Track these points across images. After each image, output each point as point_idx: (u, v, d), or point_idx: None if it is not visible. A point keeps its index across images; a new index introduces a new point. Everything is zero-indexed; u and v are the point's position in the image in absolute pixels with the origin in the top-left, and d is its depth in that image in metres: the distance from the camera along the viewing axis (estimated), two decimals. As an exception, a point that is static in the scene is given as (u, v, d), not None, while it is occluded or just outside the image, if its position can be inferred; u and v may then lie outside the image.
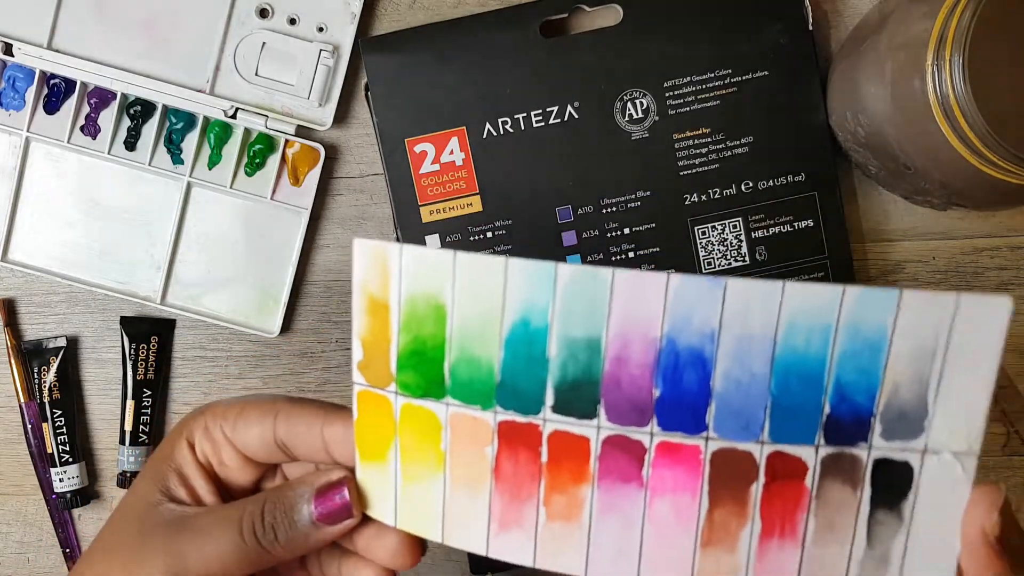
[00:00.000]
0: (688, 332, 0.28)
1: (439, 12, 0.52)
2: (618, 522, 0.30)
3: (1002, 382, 0.52)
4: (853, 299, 0.28)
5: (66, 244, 0.52)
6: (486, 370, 0.30)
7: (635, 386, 0.29)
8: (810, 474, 0.29)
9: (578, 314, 0.29)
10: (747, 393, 0.28)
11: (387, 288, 0.30)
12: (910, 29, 0.40)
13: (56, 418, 0.52)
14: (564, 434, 0.30)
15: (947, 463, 0.29)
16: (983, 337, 0.28)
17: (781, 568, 0.29)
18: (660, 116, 0.50)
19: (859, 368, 0.28)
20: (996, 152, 0.37)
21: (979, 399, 0.28)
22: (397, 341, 0.30)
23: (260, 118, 0.51)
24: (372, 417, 0.31)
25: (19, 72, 0.51)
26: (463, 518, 0.31)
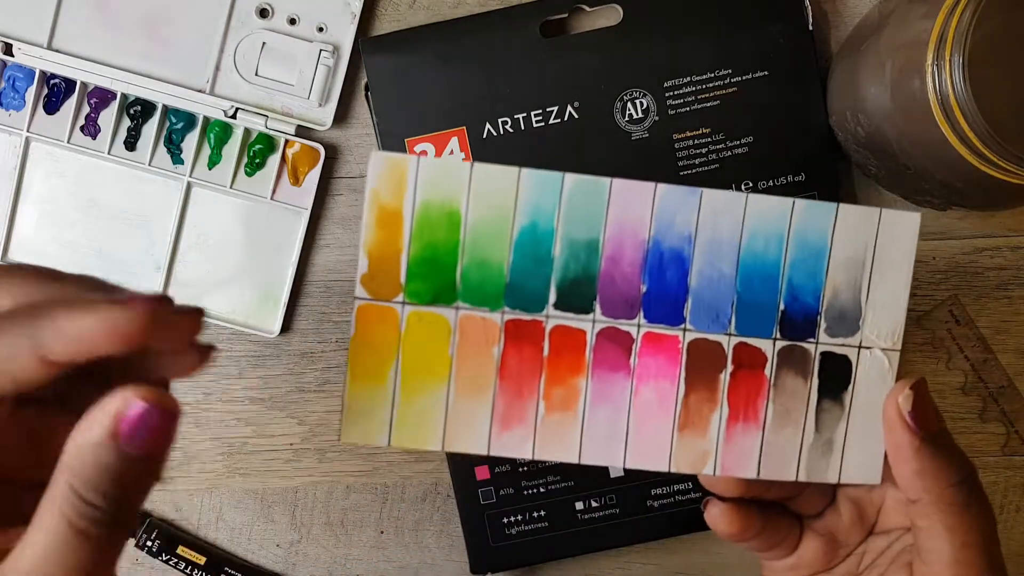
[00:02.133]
0: (670, 234, 0.32)
1: (439, 12, 0.52)
2: (608, 409, 0.33)
3: (1002, 382, 0.52)
4: (801, 210, 0.33)
5: (66, 244, 0.52)
6: (496, 272, 0.32)
7: (626, 282, 0.33)
8: (769, 364, 0.33)
9: (580, 218, 0.32)
10: (717, 290, 0.33)
11: (401, 196, 0.32)
12: (910, 29, 0.40)
13: (56, 418, 0.52)
14: (564, 328, 0.33)
15: (877, 358, 0.33)
16: (900, 248, 0.33)
17: (745, 451, 0.33)
18: (660, 116, 0.50)
19: (807, 272, 0.33)
20: (996, 152, 0.37)
21: (899, 302, 0.33)
22: (408, 249, 0.32)
23: (260, 118, 0.51)
24: (372, 332, 0.32)
25: (19, 72, 0.51)
26: (466, 423, 0.33)
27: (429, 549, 0.54)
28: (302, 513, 0.54)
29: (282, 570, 0.54)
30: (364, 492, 0.54)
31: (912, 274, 0.33)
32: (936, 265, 0.52)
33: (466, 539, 0.52)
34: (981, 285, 0.52)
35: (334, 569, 0.54)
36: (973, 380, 0.52)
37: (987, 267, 0.52)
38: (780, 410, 0.33)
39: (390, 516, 0.54)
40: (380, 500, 0.54)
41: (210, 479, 0.54)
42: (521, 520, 0.52)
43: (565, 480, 0.51)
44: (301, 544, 0.54)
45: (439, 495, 0.53)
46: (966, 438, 0.53)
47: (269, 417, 0.53)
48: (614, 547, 0.52)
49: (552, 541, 0.52)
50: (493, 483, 0.51)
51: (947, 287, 0.52)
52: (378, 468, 0.53)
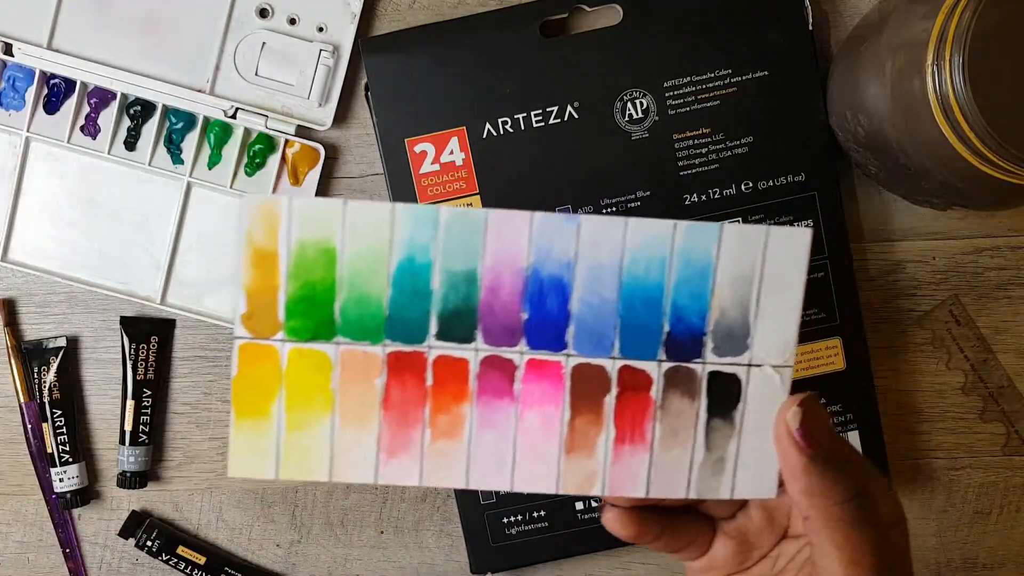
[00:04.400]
0: (550, 262, 0.33)
1: (439, 12, 0.52)
2: (494, 435, 0.34)
3: (1002, 382, 0.52)
4: (682, 232, 0.33)
5: (66, 244, 0.52)
6: (375, 306, 0.33)
7: (506, 311, 0.33)
8: (655, 386, 0.33)
9: (457, 250, 0.33)
10: (599, 315, 0.33)
11: (275, 237, 0.32)
12: (910, 29, 0.40)
13: (56, 418, 0.52)
14: (447, 358, 0.33)
15: (768, 375, 0.33)
16: (790, 265, 0.33)
17: (633, 470, 0.34)
18: (660, 116, 0.50)
19: (691, 294, 0.33)
20: (996, 152, 0.37)
21: (790, 318, 0.33)
22: (285, 289, 0.33)
23: (260, 118, 0.51)
24: (255, 370, 0.33)
25: (19, 72, 0.51)
26: (352, 454, 0.33)
27: (429, 549, 0.54)
28: (302, 513, 0.54)
29: (282, 570, 0.54)
30: (364, 492, 0.54)
31: (804, 290, 0.33)
32: (936, 265, 0.52)
33: (466, 539, 0.52)
34: (981, 285, 0.52)
35: (334, 569, 0.54)
36: (973, 380, 0.52)
37: (987, 267, 0.52)
38: (667, 431, 0.34)
39: (390, 516, 0.54)
40: (380, 500, 0.54)
41: (210, 479, 0.54)
42: (521, 520, 0.52)
43: (565, 480, 0.51)
44: (301, 544, 0.54)
45: (439, 495, 0.53)
46: (966, 438, 0.53)
47: (269, 417, 0.53)
48: (614, 547, 0.52)
49: (552, 541, 0.52)
50: (493, 483, 0.51)
51: (947, 287, 0.52)
52: (378, 468, 0.53)
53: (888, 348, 0.52)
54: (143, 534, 0.53)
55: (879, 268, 0.52)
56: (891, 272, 0.52)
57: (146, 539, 0.52)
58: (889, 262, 0.52)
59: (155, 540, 0.52)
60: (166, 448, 0.54)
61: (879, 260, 0.52)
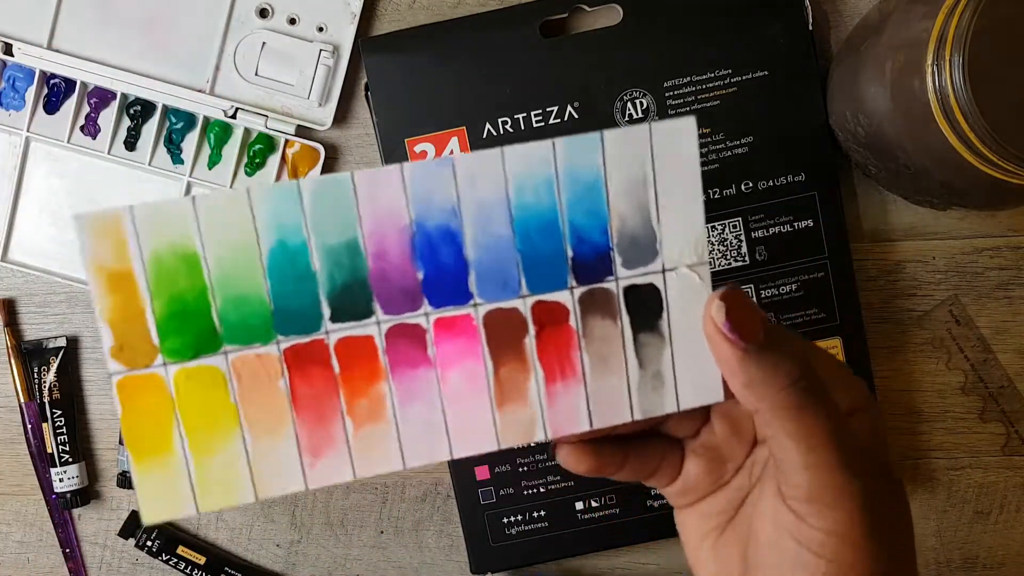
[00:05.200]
0: (432, 212, 0.30)
1: (439, 12, 0.52)
2: (420, 406, 0.31)
3: (1002, 382, 0.52)
4: (563, 149, 0.31)
5: (66, 244, 0.52)
6: (257, 303, 0.30)
7: (400, 274, 0.30)
8: (572, 315, 0.32)
9: (331, 222, 0.30)
10: (498, 255, 0.31)
11: (125, 254, 0.29)
12: (910, 29, 0.40)
13: (56, 418, 0.52)
14: (349, 339, 0.31)
15: (685, 276, 0.32)
16: (681, 156, 0.31)
17: (571, 407, 0.32)
18: (660, 116, 0.50)
19: (587, 210, 0.31)
20: (996, 152, 0.37)
21: (694, 213, 0.31)
22: (152, 308, 0.29)
23: (260, 118, 0.51)
24: (141, 404, 0.30)
25: (19, 72, 0.51)
26: (273, 466, 0.31)
27: (429, 549, 0.54)
28: (302, 513, 0.54)
29: (282, 570, 0.54)
30: (364, 492, 0.54)
31: (700, 180, 0.31)
32: (936, 265, 0.52)
33: (466, 539, 0.52)
34: (981, 285, 0.52)
35: (334, 569, 0.54)
36: (973, 380, 0.52)
37: (987, 267, 0.52)
38: (596, 358, 0.32)
39: (390, 516, 0.54)
40: (380, 500, 0.54)
41: (210, 479, 0.54)
42: (521, 520, 0.52)
43: (565, 480, 0.51)
44: (301, 544, 0.54)
45: (439, 495, 0.53)
46: (966, 438, 0.53)
47: (269, 417, 0.53)
48: (614, 547, 0.52)
49: (552, 541, 0.52)
50: (493, 483, 0.51)
51: (947, 287, 0.52)
52: (378, 468, 0.53)
53: (888, 348, 0.52)
54: (143, 534, 0.53)
55: (879, 268, 0.52)
56: (891, 272, 0.52)
57: (146, 539, 0.52)
58: (889, 262, 0.52)
59: (155, 540, 0.52)
60: (166, 448, 0.54)
61: (879, 260, 0.52)
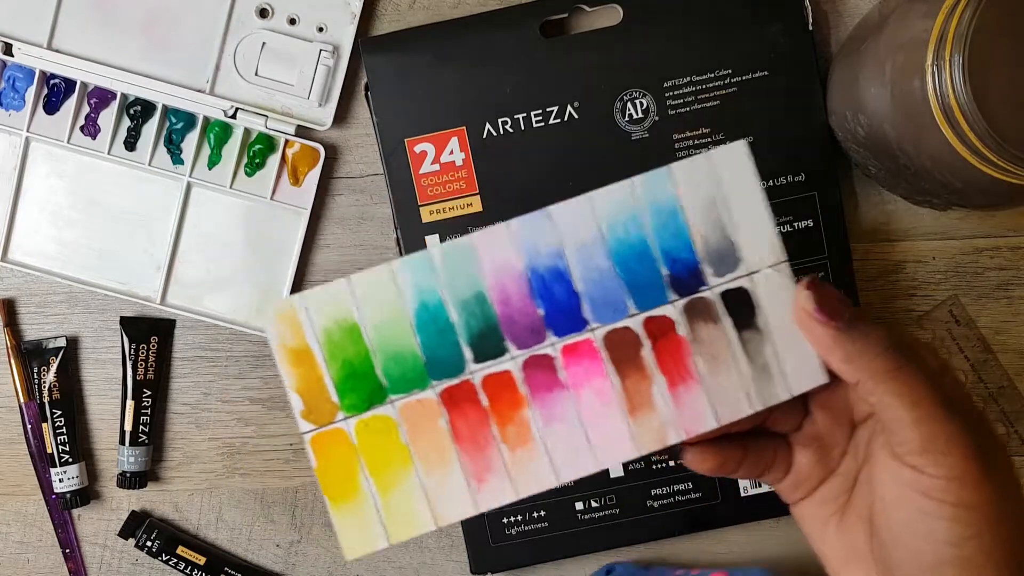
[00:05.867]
0: (541, 258, 0.36)
1: (439, 12, 0.52)
2: (562, 425, 0.36)
3: (1002, 382, 0.52)
4: (640, 186, 0.36)
5: (66, 244, 0.52)
6: (411, 358, 0.36)
7: (523, 314, 0.36)
8: (679, 324, 0.36)
9: (460, 279, 0.36)
10: (604, 284, 0.36)
11: (302, 334, 0.35)
12: (910, 29, 0.40)
13: (56, 418, 0.52)
14: (491, 376, 0.36)
15: (770, 276, 0.36)
16: (740, 174, 0.36)
17: (696, 407, 0.36)
18: (660, 116, 0.50)
19: (672, 234, 0.36)
20: (996, 152, 0.37)
21: (762, 220, 0.36)
22: (329, 374, 0.35)
23: (260, 118, 0.51)
24: (331, 456, 0.36)
25: (19, 72, 0.51)
26: (446, 495, 0.36)
27: (429, 549, 0.54)
28: (302, 513, 0.54)
29: (282, 570, 0.54)
30: (364, 492, 0.54)
31: (762, 191, 0.36)
32: (936, 265, 0.52)
33: (466, 539, 0.52)
34: (981, 285, 0.52)
35: (334, 569, 0.54)
36: (973, 380, 0.52)
37: (987, 267, 0.52)
38: (709, 358, 0.36)
39: (390, 516, 0.54)
40: (380, 500, 0.54)
41: (210, 479, 0.54)
42: (521, 520, 0.52)
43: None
44: (301, 544, 0.54)
45: (439, 495, 0.53)
46: (966, 438, 0.53)
47: (269, 417, 0.53)
48: (614, 547, 0.52)
49: (552, 541, 0.52)
50: (493, 483, 0.51)
51: (947, 287, 0.52)
52: (378, 468, 0.53)
53: (888, 348, 0.52)
54: (143, 534, 0.53)
55: (879, 268, 0.52)
56: (891, 272, 0.52)
57: (146, 539, 0.52)
58: (889, 262, 0.52)
59: (155, 540, 0.52)
60: (166, 448, 0.54)
61: (879, 260, 0.52)
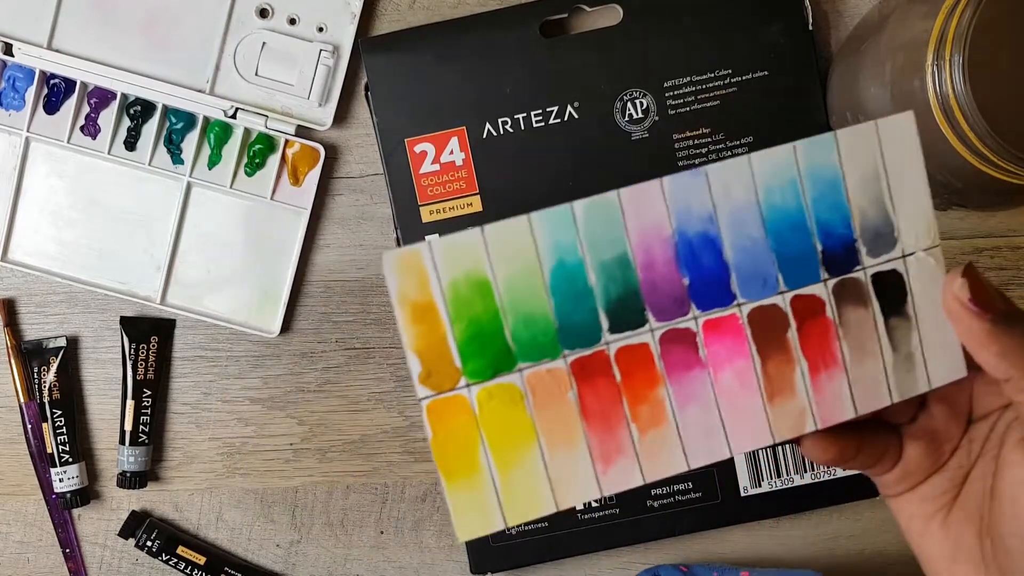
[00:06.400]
0: (692, 221, 0.33)
1: (439, 12, 0.52)
2: (697, 407, 0.33)
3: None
4: (803, 151, 0.33)
5: (66, 244, 0.52)
6: (543, 322, 0.32)
7: (668, 282, 0.33)
8: (828, 306, 0.34)
9: (602, 239, 0.32)
10: (755, 256, 0.33)
11: (427, 286, 0.31)
12: (910, 29, 0.40)
13: (56, 418, 0.52)
14: (627, 348, 0.33)
15: (922, 260, 0.34)
16: (905, 149, 0.33)
17: (836, 395, 0.34)
18: (660, 116, 0.50)
19: (830, 206, 0.33)
20: (996, 152, 0.37)
21: (922, 200, 0.34)
22: (453, 333, 0.32)
23: (260, 118, 0.51)
24: (449, 426, 0.32)
25: (19, 72, 0.51)
26: (569, 475, 0.33)
27: (429, 549, 0.54)
28: (302, 513, 0.54)
29: (282, 570, 0.54)
30: (364, 492, 0.54)
31: (924, 169, 0.34)
32: (936, 265, 0.52)
33: (466, 539, 0.52)
34: (981, 285, 0.52)
35: (334, 569, 0.54)
36: (973, 380, 0.52)
37: (987, 267, 0.52)
38: (854, 344, 0.34)
39: (390, 516, 0.54)
40: (380, 500, 0.54)
41: (210, 479, 0.54)
42: (521, 520, 0.52)
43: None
44: (301, 544, 0.54)
45: (439, 495, 0.53)
46: (966, 438, 0.53)
47: (269, 417, 0.53)
48: (614, 547, 0.52)
49: (552, 541, 0.52)
50: (493, 483, 0.51)
51: (947, 287, 0.52)
52: (378, 468, 0.53)
53: (888, 348, 0.52)
54: (143, 534, 0.53)
55: (879, 268, 0.52)
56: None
57: (146, 539, 0.52)
58: (889, 262, 0.52)
59: (155, 540, 0.52)
60: (166, 448, 0.54)
61: (879, 260, 0.52)
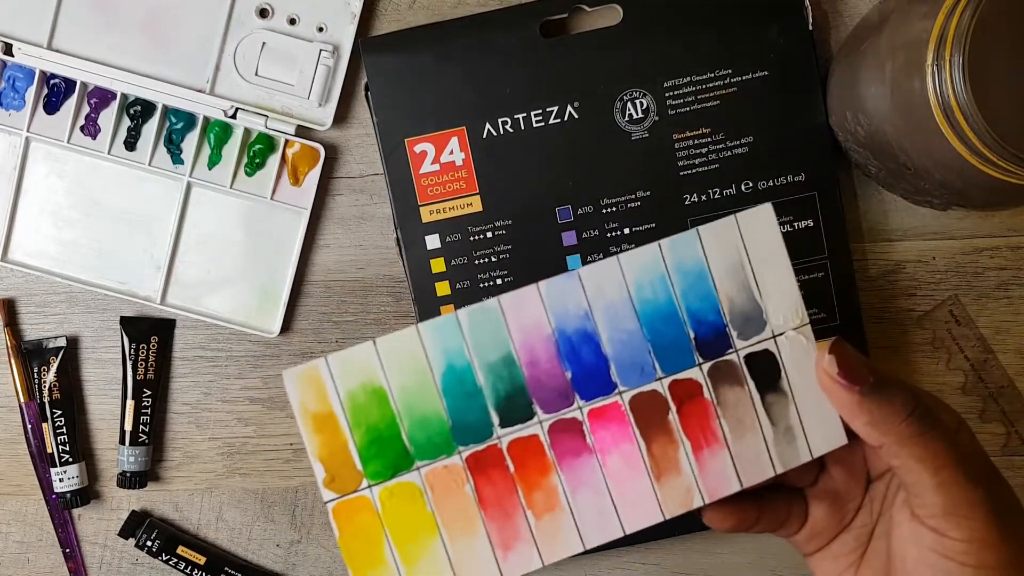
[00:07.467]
0: (569, 319, 0.35)
1: (439, 12, 0.52)
2: (588, 490, 0.35)
3: (1002, 382, 0.52)
4: (668, 249, 0.36)
5: (66, 244, 0.52)
6: (437, 422, 0.35)
7: (551, 377, 0.35)
8: (705, 388, 0.36)
9: (487, 342, 0.35)
10: (631, 347, 0.36)
11: (326, 398, 0.34)
12: (910, 29, 0.40)
13: (56, 418, 0.52)
14: (518, 440, 0.35)
15: (792, 338, 0.36)
16: (765, 237, 0.36)
17: (720, 470, 0.36)
18: (660, 116, 0.50)
19: (699, 296, 0.36)
20: (996, 152, 0.37)
21: (788, 283, 0.36)
22: (353, 439, 0.35)
23: (260, 118, 0.51)
24: (355, 524, 0.35)
25: (19, 72, 0.51)
26: (471, 563, 0.35)
27: (429, 549, 0.54)
28: (302, 513, 0.54)
29: (282, 570, 0.54)
30: (364, 492, 0.54)
31: (787, 254, 0.36)
32: (936, 265, 0.52)
33: (466, 539, 0.52)
34: (981, 285, 0.52)
35: (334, 569, 0.54)
36: (973, 380, 0.52)
37: (987, 267, 0.52)
38: (733, 422, 0.36)
39: (390, 516, 0.54)
40: (380, 500, 0.54)
41: (210, 479, 0.54)
42: (521, 520, 0.52)
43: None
44: (301, 544, 0.54)
45: (439, 495, 0.53)
46: (966, 438, 0.53)
47: (269, 417, 0.53)
48: (614, 547, 0.52)
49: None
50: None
51: (947, 287, 0.52)
52: (378, 468, 0.53)
53: (888, 348, 0.52)
54: (143, 534, 0.53)
55: (879, 268, 0.52)
56: (891, 272, 0.52)
57: (146, 539, 0.52)
58: (889, 262, 0.52)
59: (155, 540, 0.52)
60: (166, 448, 0.54)
61: (879, 260, 0.52)
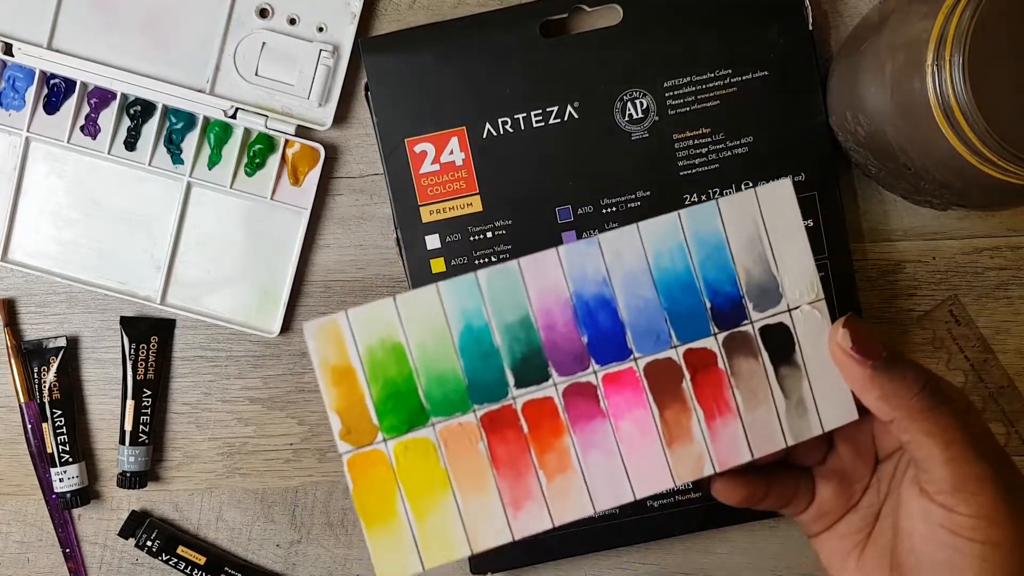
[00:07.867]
0: (587, 284, 0.36)
1: (439, 12, 0.52)
2: (600, 454, 0.36)
3: (1002, 382, 0.52)
4: (687, 218, 0.36)
5: (66, 244, 0.52)
6: (454, 380, 0.36)
7: (568, 341, 0.36)
8: (719, 358, 0.37)
9: (506, 304, 0.36)
10: (648, 314, 0.36)
11: (345, 352, 0.35)
12: (910, 29, 0.40)
13: (56, 418, 0.52)
14: (533, 402, 0.36)
15: (807, 313, 0.37)
16: (785, 212, 0.37)
17: (732, 440, 0.36)
18: (660, 116, 0.50)
19: (716, 267, 0.36)
20: (996, 152, 0.37)
21: (804, 257, 0.37)
22: (370, 393, 0.35)
23: (260, 118, 0.51)
24: (368, 477, 0.35)
25: (19, 72, 0.51)
26: (482, 520, 0.36)
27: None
28: (302, 513, 0.54)
29: (282, 570, 0.54)
30: (364, 492, 0.54)
31: (804, 229, 0.37)
32: (936, 265, 0.52)
33: (466, 539, 0.52)
34: (981, 285, 0.52)
35: (334, 569, 0.54)
36: (973, 380, 0.52)
37: (987, 267, 0.52)
38: (746, 393, 0.37)
39: (390, 516, 0.54)
40: (380, 500, 0.54)
41: (210, 479, 0.54)
42: (521, 520, 0.52)
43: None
44: (301, 544, 0.54)
45: (439, 495, 0.53)
46: (966, 438, 0.53)
47: (269, 417, 0.53)
48: (614, 547, 0.52)
49: (552, 541, 0.52)
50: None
51: (947, 287, 0.52)
52: (378, 468, 0.53)
53: (888, 348, 0.52)
54: (143, 534, 0.53)
55: (879, 268, 0.52)
56: (891, 272, 0.52)
57: (146, 539, 0.52)
58: (889, 262, 0.52)
59: (155, 540, 0.52)
60: (166, 448, 0.54)
61: (879, 260, 0.52)
